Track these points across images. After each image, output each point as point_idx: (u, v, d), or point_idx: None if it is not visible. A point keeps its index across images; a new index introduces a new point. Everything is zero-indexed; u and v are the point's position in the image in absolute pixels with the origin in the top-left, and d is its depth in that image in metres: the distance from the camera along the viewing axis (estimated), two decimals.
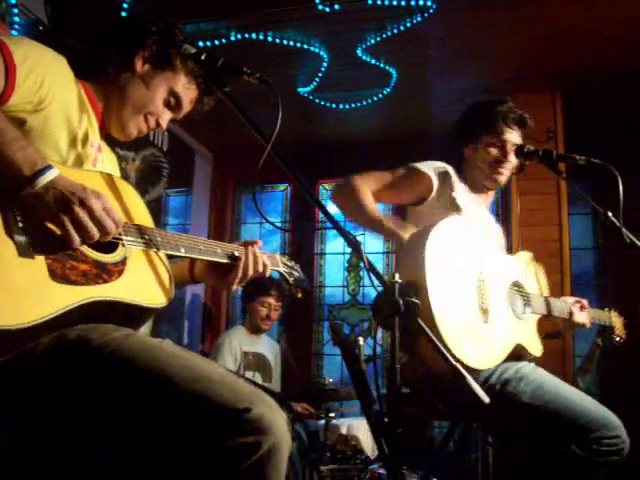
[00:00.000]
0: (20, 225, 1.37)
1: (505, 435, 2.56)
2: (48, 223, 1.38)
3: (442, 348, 1.57)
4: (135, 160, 5.09)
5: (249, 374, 4.58)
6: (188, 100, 1.91)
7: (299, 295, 2.25)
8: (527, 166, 2.79)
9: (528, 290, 2.60)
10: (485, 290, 2.33)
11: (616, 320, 3.01)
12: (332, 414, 4.27)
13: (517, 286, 2.56)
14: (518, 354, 2.42)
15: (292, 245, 6.83)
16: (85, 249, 1.47)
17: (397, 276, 1.58)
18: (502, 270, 2.50)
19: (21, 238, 1.35)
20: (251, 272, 1.94)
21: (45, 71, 1.56)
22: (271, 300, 4.81)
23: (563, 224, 5.14)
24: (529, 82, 5.03)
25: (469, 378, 1.54)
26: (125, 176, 2.00)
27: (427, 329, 1.59)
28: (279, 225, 6.89)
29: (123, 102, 1.82)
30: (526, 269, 2.70)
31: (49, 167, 1.38)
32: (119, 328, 1.51)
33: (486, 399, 1.51)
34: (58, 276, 1.39)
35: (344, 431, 4.41)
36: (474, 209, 2.64)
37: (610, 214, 2.44)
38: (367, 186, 2.57)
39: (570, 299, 2.81)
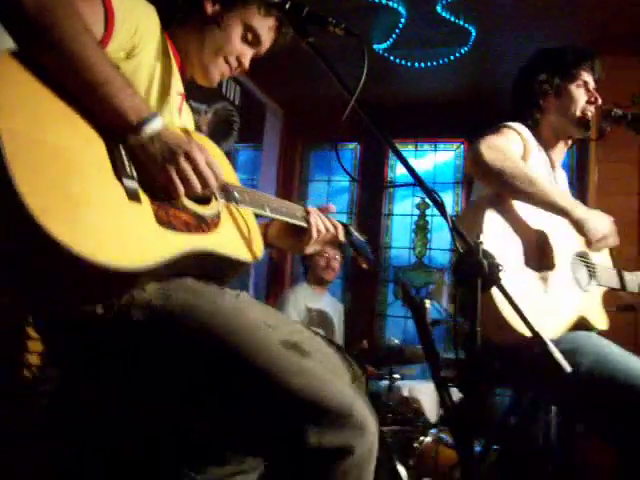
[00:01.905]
0: (128, 170, 1.38)
1: (570, 409, 2.47)
2: (153, 172, 1.41)
3: (523, 313, 1.52)
4: (207, 113, 5.09)
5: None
6: (266, 33, 1.84)
7: (364, 265, 2.22)
8: (609, 132, 2.65)
9: (594, 261, 2.48)
10: (547, 260, 2.25)
11: None
12: (395, 375, 4.25)
13: (582, 256, 2.44)
14: (581, 327, 2.32)
15: (358, 205, 6.78)
16: (185, 200, 1.49)
17: (482, 237, 1.53)
18: (566, 240, 2.37)
19: (129, 182, 1.37)
20: (324, 234, 1.94)
21: (139, 18, 1.57)
22: (329, 249, 4.80)
23: None
24: (614, 43, 4.81)
25: (551, 345, 1.49)
26: (198, 129, 1.99)
27: (509, 293, 1.55)
28: (345, 185, 6.86)
29: (200, 47, 1.79)
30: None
31: (155, 116, 1.40)
32: (223, 293, 1.53)
33: (568, 368, 1.46)
34: (164, 222, 1.41)
35: (406, 393, 4.40)
36: (547, 178, 2.50)
37: None
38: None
39: None
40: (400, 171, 6.71)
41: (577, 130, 2.53)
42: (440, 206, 1.53)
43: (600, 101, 2.51)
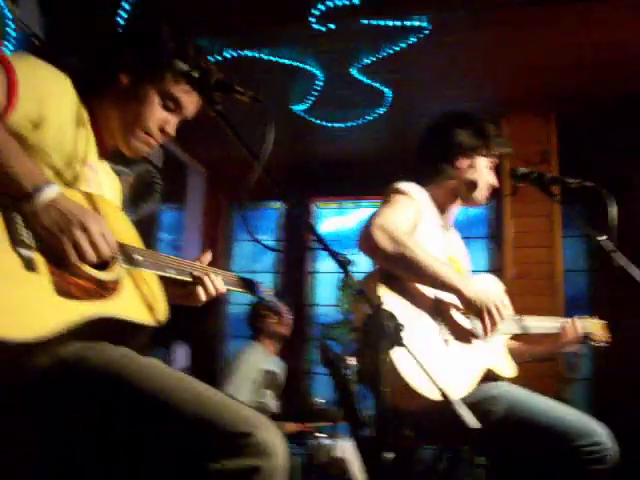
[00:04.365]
0: (25, 238, 1.37)
1: (490, 455, 2.50)
2: (48, 240, 1.40)
3: (428, 373, 1.54)
4: (128, 176, 5.06)
5: (266, 392, 4.59)
6: (187, 96, 1.81)
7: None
8: (520, 188, 2.74)
9: None
10: (445, 320, 2.30)
11: (593, 325, 2.93)
12: (321, 434, 4.22)
13: None
14: (492, 378, 2.37)
15: (284, 264, 6.79)
16: (85, 266, 1.47)
17: (382, 299, 1.56)
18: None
19: (25, 251, 1.35)
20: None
21: (47, 90, 1.56)
22: (278, 304, 4.78)
23: (555, 246, 5.13)
24: (523, 103, 5.03)
25: (456, 403, 1.51)
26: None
27: (413, 353, 1.56)
28: (271, 244, 6.86)
29: (120, 119, 1.77)
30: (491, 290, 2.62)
31: (49, 184, 1.39)
32: (115, 347, 1.52)
33: (475, 424, 1.48)
34: (62, 291, 1.39)
35: (334, 453, 4.36)
36: (441, 237, 2.53)
37: (604, 237, 2.39)
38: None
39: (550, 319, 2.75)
40: (324, 230, 6.77)
41: (469, 202, 2.61)
42: (344, 267, 1.56)
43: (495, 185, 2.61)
